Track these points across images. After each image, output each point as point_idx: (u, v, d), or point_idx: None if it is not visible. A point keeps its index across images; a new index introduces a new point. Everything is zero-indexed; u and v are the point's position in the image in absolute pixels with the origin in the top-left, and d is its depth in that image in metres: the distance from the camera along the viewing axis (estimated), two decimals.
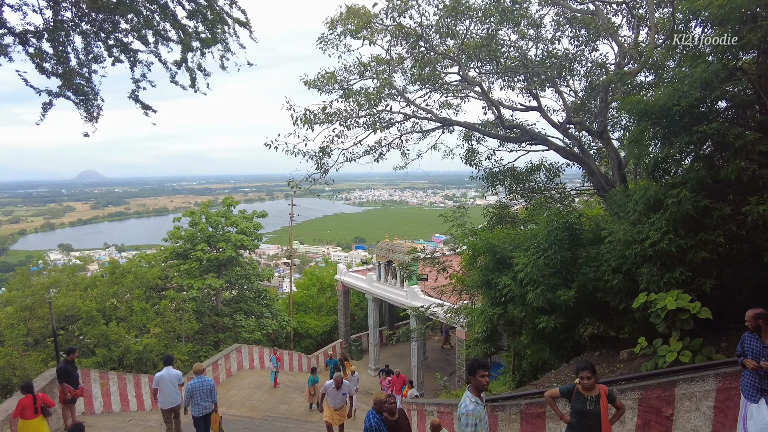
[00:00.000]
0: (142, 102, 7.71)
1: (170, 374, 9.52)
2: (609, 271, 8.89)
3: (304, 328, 31.19)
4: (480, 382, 4.99)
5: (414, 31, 10.30)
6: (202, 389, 8.89)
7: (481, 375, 5.00)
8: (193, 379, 9.07)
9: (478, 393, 5.06)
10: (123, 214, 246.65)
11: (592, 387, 5.09)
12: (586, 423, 5.00)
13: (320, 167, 12.02)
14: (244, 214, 28.64)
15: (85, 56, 6.88)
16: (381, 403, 6.58)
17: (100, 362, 17.94)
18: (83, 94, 6.50)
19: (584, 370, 5.09)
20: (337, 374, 10.40)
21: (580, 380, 5.04)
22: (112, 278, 22.73)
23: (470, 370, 5.10)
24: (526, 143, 12.32)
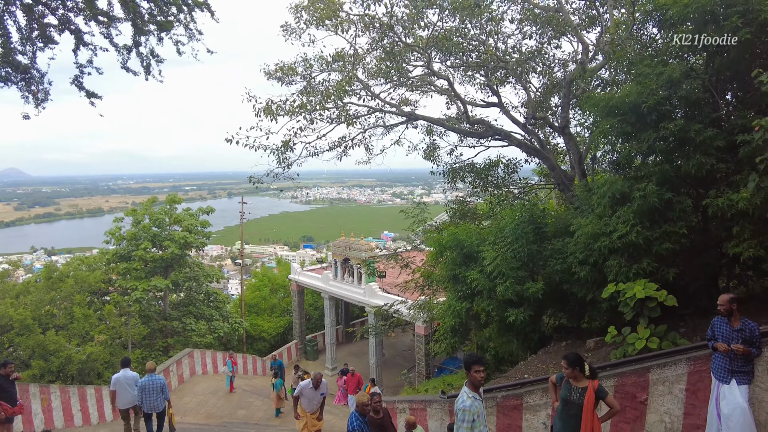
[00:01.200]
0: (86, 89, 7.12)
1: (127, 376, 9.67)
2: (576, 263, 9.10)
3: (257, 330, 30.29)
4: (476, 377, 4.93)
5: (382, 22, 10.11)
6: (152, 387, 9.30)
7: (476, 370, 4.93)
8: (144, 377, 9.41)
9: (475, 388, 4.99)
10: (52, 216, 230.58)
11: (578, 378, 5.12)
12: (568, 412, 5.08)
13: (282, 162, 11.60)
14: (189, 211, 27.34)
15: (28, 32, 6.23)
16: (364, 406, 6.36)
17: (36, 375, 16.52)
18: (25, 72, 5.87)
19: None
20: (315, 372, 9.87)
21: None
22: (48, 283, 21.02)
23: (466, 366, 5.03)
24: (489, 139, 12.45)
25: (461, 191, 15.98)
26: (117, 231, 24.91)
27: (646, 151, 8.57)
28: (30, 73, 6.07)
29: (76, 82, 7.01)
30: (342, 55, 11.01)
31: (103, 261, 25.19)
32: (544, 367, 9.18)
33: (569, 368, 5.20)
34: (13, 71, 5.90)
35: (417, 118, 11.79)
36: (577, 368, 5.14)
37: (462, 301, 10.50)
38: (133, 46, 7.38)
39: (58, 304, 20.21)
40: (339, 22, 10.39)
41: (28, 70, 6.01)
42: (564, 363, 5.20)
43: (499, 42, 10.86)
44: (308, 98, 11.09)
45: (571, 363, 5.17)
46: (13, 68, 5.86)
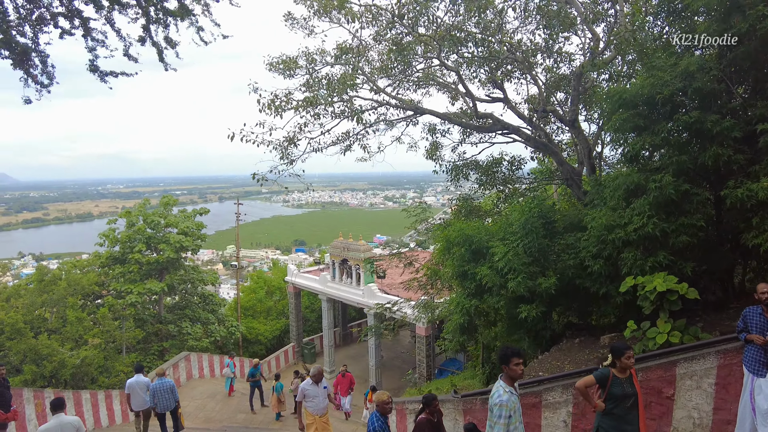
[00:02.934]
0: (102, 71, 6.87)
1: (139, 381, 10.48)
2: (589, 257, 8.95)
3: (253, 333, 29.84)
4: (515, 371, 4.70)
5: (392, 12, 9.92)
6: (162, 389, 10.20)
7: (515, 363, 4.70)
8: (155, 381, 10.32)
9: (511, 382, 4.75)
10: (41, 221, 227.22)
11: (625, 369, 4.90)
12: (625, 405, 4.81)
13: (285, 157, 11.33)
14: (185, 213, 26.89)
15: (27, 12, 5.95)
16: (385, 405, 6.09)
17: (28, 380, 16.02)
18: (25, 54, 5.59)
19: (628, 350, 4.88)
20: (316, 366, 9.35)
21: (627, 360, 4.82)
22: (40, 286, 20.48)
23: (503, 359, 4.79)
24: (494, 134, 12.29)
25: (462, 190, 15.80)
26: (111, 233, 24.41)
27: (660, 143, 8.42)
28: (29, 55, 5.77)
29: (92, 66, 6.77)
30: (347, 47, 10.79)
31: (96, 264, 24.69)
32: (559, 365, 8.98)
33: (627, 359, 4.88)
34: (10, 52, 5.60)
35: (423, 112, 11.57)
36: None
37: (470, 298, 10.28)
38: (145, 36, 7.13)
39: (50, 307, 19.69)
40: (347, 13, 10.16)
41: (27, 52, 5.71)
42: (632, 353, 4.91)
43: (506, 36, 10.68)
44: (313, 92, 10.85)
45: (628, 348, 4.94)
46: (9, 49, 5.57)
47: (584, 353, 9.15)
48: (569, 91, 11.99)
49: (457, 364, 22.65)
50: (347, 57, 11.27)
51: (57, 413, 7.46)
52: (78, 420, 7.62)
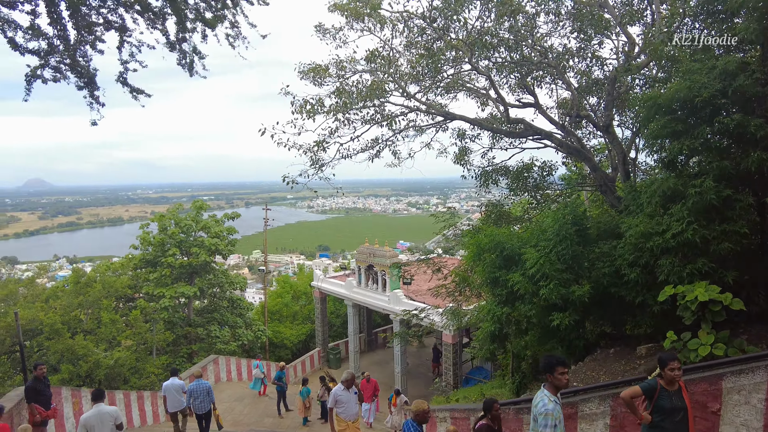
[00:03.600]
0: (131, 85, 7.08)
1: (174, 384, 11.05)
2: (624, 265, 8.75)
3: (279, 337, 30.08)
4: (560, 380, 4.60)
5: (423, 16, 9.94)
6: (199, 391, 10.81)
7: (560, 372, 4.61)
8: (193, 382, 11.01)
9: (556, 392, 4.65)
10: (74, 225, 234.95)
11: (674, 380, 4.73)
12: (674, 419, 4.65)
13: (315, 162, 11.43)
14: (215, 217, 27.41)
15: (82, 33, 6.18)
16: (424, 414, 6.02)
17: (65, 379, 16.51)
18: (87, 75, 5.79)
19: (673, 360, 4.72)
20: (348, 371, 9.30)
21: (670, 372, 4.66)
22: (76, 288, 21.12)
23: (547, 368, 4.70)
24: (525, 140, 12.15)
25: (489, 196, 15.63)
26: (146, 236, 25.03)
27: (698, 148, 8.19)
28: (93, 75, 5.99)
29: (120, 78, 6.97)
30: (378, 54, 10.84)
31: (129, 266, 25.34)
32: (594, 375, 8.77)
33: (671, 370, 4.73)
34: (78, 77, 5.82)
35: (454, 118, 11.53)
36: None
37: (502, 305, 10.14)
38: (177, 43, 7.32)
39: (85, 308, 20.27)
40: (378, 20, 10.22)
41: (91, 75, 5.94)
42: (677, 364, 4.74)
43: (538, 41, 10.57)
44: (343, 99, 10.94)
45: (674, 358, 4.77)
46: (77, 74, 5.79)
47: (620, 364, 8.92)
48: (602, 95, 11.80)
49: (484, 372, 22.35)
50: (377, 64, 11.33)
51: (97, 403, 7.87)
52: (116, 410, 8.02)
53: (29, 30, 6.19)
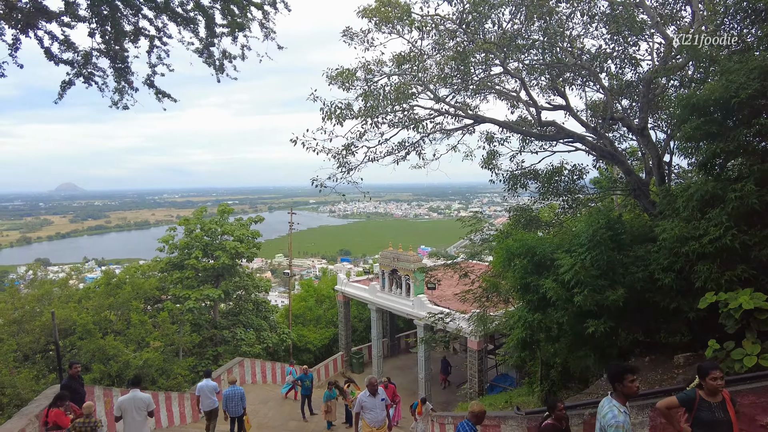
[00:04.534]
0: (157, 87, 7.27)
1: (208, 385, 11.72)
2: (659, 270, 8.53)
3: (303, 341, 30.21)
4: (630, 388, 4.44)
5: (452, 20, 9.92)
6: (233, 396, 11.61)
7: (630, 380, 4.45)
8: (228, 388, 11.78)
9: (625, 401, 4.47)
10: (103, 228, 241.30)
11: (718, 391, 4.52)
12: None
13: (343, 166, 11.49)
14: (240, 221, 27.75)
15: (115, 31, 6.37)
16: (482, 415, 5.93)
17: (96, 378, 16.87)
18: (122, 61, 5.98)
19: (715, 369, 4.49)
20: (371, 377, 9.31)
21: (712, 382, 4.45)
22: (107, 289, 21.62)
23: (616, 377, 4.52)
24: (556, 143, 11.98)
25: (516, 200, 15.46)
26: (170, 239, 25.50)
27: (735, 151, 7.94)
28: (126, 57, 6.21)
29: (148, 81, 7.14)
30: (406, 56, 10.85)
31: (156, 269, 25.83)
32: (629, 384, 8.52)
33: (712, 380, 4.44)
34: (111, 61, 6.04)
35: (483, 121, 11.45)
36: None
37: (533, 311, 9.97)
38: (205, 48, 7.46)
39: (115, 309, 20.71)
40: (409, 23, 10.24)
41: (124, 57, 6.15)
42: (719, 373, 4.47)
43: (571, 42, 10.41)
44: (371, 102, 10.97)
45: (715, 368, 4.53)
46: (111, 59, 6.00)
47: (656, 373, 8.66)
48: (634, 97, 11.56)
49: (509, 380, 22.04)
50: (405, 67, 11.33)
51: (133, 388, 8.80)
52: (149, 397, 8.83)
53: (64, 42, 6.41)
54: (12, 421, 9.16)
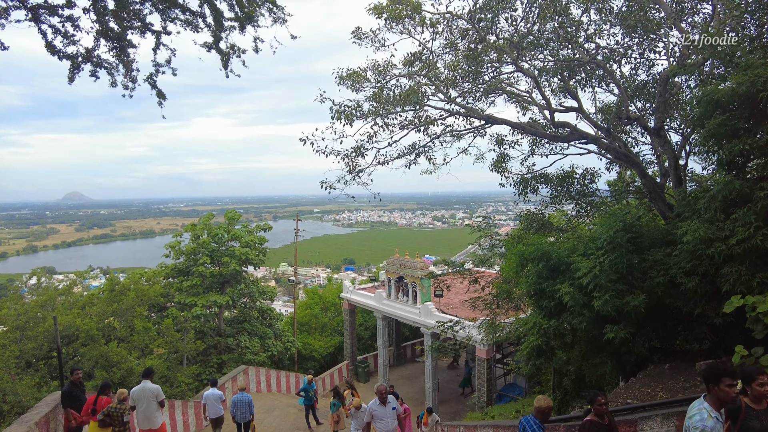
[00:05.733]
0: (158, 88, 7.13)
1: (214, 393, 12.10)
2: (681, 274, 8.22)
3: (308, 349, 29.84)
4: (727, 393, 3.96)
5: (465, 18, 9.74)
6: (242, 402, 12.05)
7: (727, 384, 3.96)
8: (236, 395, 12.22)
9: (720, 406, 4.04)
10: (108, 237, 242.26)
11: (764, 398, 4.18)
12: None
13: (352, 169, 11.27)
14: (248, 227, 27.58)
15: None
16: (549, 410, 5.63)
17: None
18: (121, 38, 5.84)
19: (761, 374, 4.14)
20: (379, 385, 9.01)
21: (759, 388, 4.11)
22: (110, 295, 21.41)
23: (711, 378, 4.07)
24: (568, 146, 11.73)
25: (526, 205, 15.17)
26: (177, 245, 25.33)
27: (764, 147, 7.66)
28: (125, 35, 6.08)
29: (150, 80, 7.00)
30: (417, 56, 10.67)
31: (161, 275, 25.62)
32: (650, 392, 8.20)
33: (759, 385, 4.10)
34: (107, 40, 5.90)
35: (495, 122, 11.21)
36: None
37: (548, 318, 9.65)
38: (214, 43, 7.31)
39: (119, 316, 20.48)
40: (420, 21, 10.07)
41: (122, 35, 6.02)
42: (765, 379, 4.13)
43: (586, 41, 10.18)
44: (380, 103, 10.77)
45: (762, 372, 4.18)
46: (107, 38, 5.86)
47: (678, 380, 8.33)
48: (648, 98, 11.31)
49: (517, 389, 21.60)
50: (415, 68, 11.16)
51: (145, 379, 9.66)
52: (158, 388, 9.63)
53: (67, 36, 6.28)
54: (11, 429, 8.90)
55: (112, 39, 5.98)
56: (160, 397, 9.54)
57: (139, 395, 9.46)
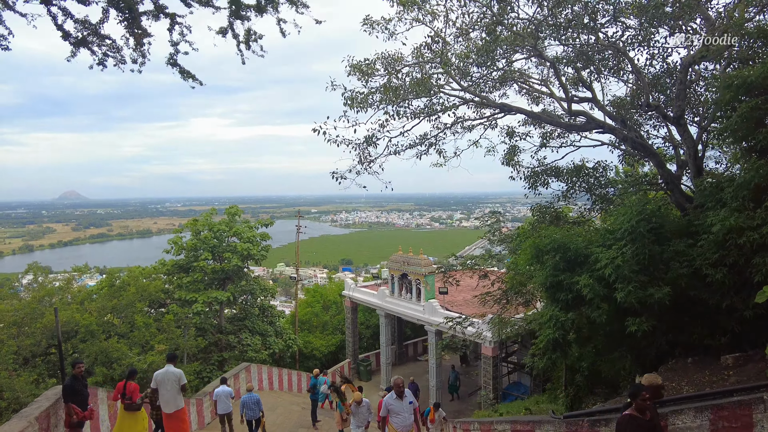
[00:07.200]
0: (181, 66, 6.86)
1: (224, 390, 12.84)
2: (706, 265, 7.97)
3: (309, 347, 29.51)
4: None
5: (481, 2, 9.49)
6: (250, 401, 12.77)
7: None
8: (245, 395, 12.97)
9: None
10: (105, 236, 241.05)
11: None
12: None
13: (363, 159, 11.00)
14: (248, 223, 27.27)
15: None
16: (659, 389, 5.52)
17: (99, 382, 16.26)
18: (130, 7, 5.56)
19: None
20: (396, 378, 8.71)
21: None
22: (110, 291, 21.05)
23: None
24: (581, 136, 11.49)
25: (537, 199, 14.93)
26: (179, 240, 24.98)
27: None
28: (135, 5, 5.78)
29: (171, 60, 6.75)
30: (428, 45, 10.41)
31: (162, 271, 25.26)
32: (675, 386, 7.93)
33: None
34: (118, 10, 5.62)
35: (511, 110, 10.94)
36: None
37: (566, 311, 9.37)
38: (228, 28, 7.03)
39: (119, 311, 20.12)
40: (429, 11, 9.81)
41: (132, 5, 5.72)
42: None
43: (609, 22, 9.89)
44: (391, 93, 10.49)
45: None
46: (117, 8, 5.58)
47: (703, 374, 8.05)
48: (663, 89, 11.05)
49: (522, 388, 21.33)
50: (427, 57, 10.89)
51: (168, 364, 10.09)
52: (181, 372, 10.06)
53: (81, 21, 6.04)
54: (10, 424, 8.55)
55: (122, 9, 5.67)
56: (182, 381, 9.96)
57: (163, 378, 9.93)
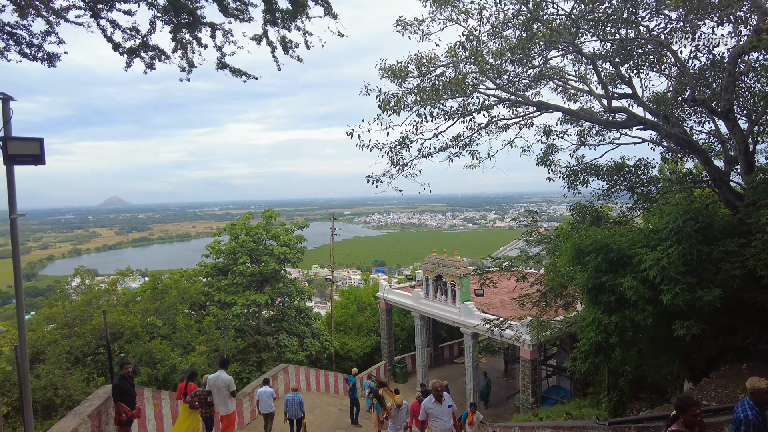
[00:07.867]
0: (231, 67, 7.13)
1: (267, 391, 13.06)
2: (762, 266, 7.59)
3: (345, 349, 29.72)
4: None
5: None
6: (293, 401, 13.21)
7: None
8: (289, 394, 13.42)
9: None
10: (146, 240, 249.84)
11: None
12: None
13: (396, 163, 11.01)
14: (284, 226, 27.70)
15: None
16: (763, 394, 4.83)
17: (144, 382, 16.85)
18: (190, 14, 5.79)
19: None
20: (435, 381, 8.65)
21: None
22: (153, 294, 21.80)
23: None
24: (621, 134, 11.15)
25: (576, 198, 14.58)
26: (217, 245, 25.65)
27: None
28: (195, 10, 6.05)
29: (220, 64, 7.03)
30: (462, 45, 10.32)
31: (202, 274, 25.97)
32: (729, 393, 7.59)
33: None
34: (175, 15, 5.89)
35: (548, 108, 10.74)
36: None
37: (609, 313, 9.10)
38: (262, 35, 7.20)
39: (161, 313, 20.81)
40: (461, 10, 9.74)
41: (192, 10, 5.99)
42: None
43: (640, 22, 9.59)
44: (425, 94, 10.47)
45: None
46: None
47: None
48: (708, 83, 10.59)
49: (562, 392, 20.88)
50: (460, 57, 10.81)
51: (220, 369, 10.72)
52: (231, 379, 10.69)
53: (129, 30, 6.31)
54: (65, 421, 8.96)
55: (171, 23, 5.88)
56: (231, 388, 10.57)
57: (214, 382, 10.56)
